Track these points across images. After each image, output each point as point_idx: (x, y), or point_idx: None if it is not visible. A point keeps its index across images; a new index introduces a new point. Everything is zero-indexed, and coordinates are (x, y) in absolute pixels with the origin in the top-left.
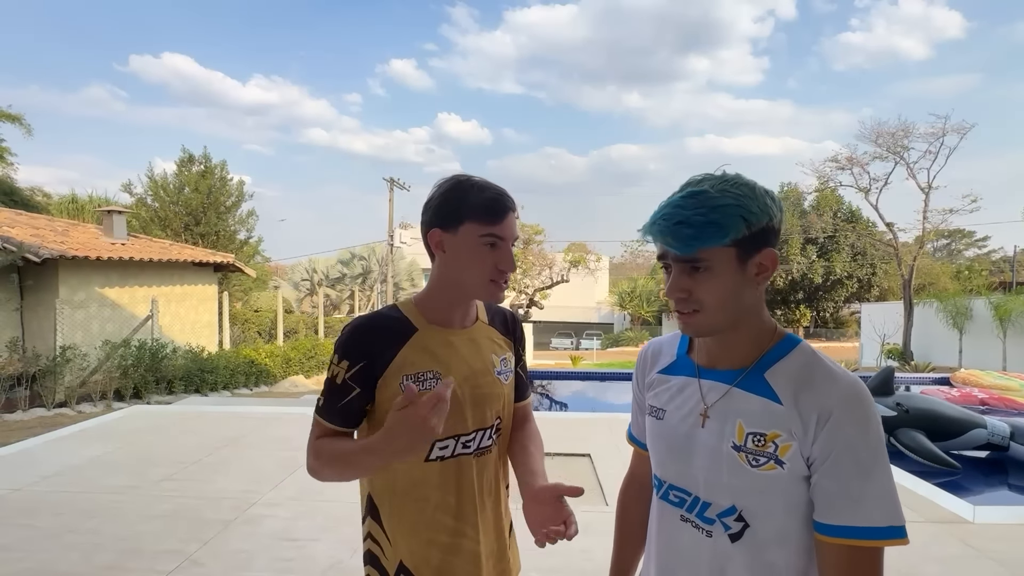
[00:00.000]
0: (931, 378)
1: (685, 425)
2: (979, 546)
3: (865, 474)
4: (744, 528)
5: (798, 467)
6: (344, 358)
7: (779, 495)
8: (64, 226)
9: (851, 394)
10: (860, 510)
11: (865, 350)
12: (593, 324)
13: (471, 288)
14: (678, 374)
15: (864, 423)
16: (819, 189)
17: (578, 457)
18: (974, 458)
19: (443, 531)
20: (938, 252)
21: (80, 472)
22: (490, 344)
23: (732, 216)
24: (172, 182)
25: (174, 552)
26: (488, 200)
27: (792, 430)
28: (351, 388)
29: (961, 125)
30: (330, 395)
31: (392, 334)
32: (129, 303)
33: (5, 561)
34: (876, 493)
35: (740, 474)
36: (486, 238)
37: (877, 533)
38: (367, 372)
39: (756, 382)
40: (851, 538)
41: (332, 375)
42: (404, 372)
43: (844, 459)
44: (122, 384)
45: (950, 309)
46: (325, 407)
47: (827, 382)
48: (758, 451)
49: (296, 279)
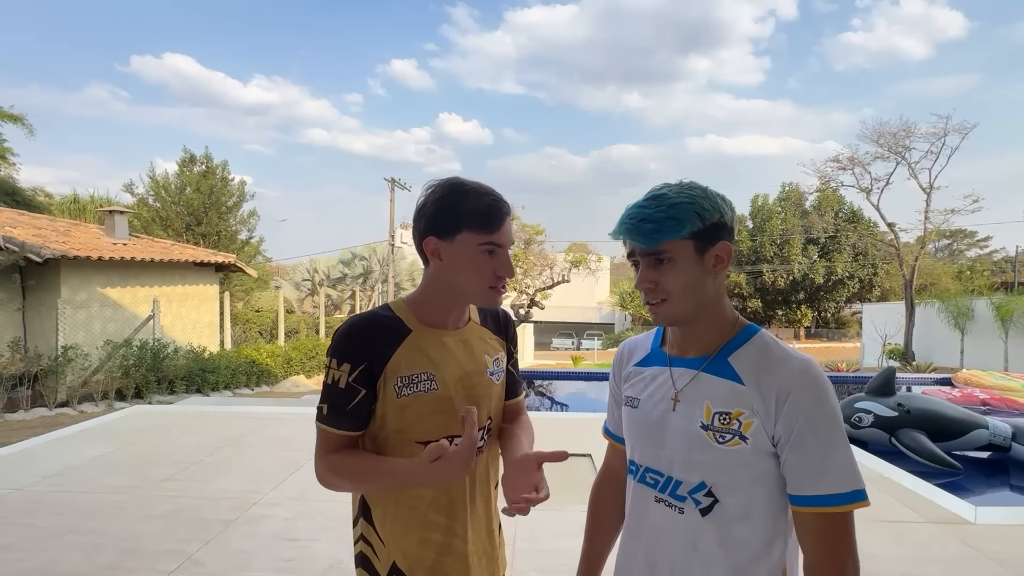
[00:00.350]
0: (933, 379)
1: (658, 410)
2: (980, 547)
3: (826, 446)
4: (713, 503)
5: (761, 443)
6: (345, 360)
7: (744, 469)
8: (66, 226)
9: (806, 373)
10: (825, 480)
11: (866, 350)
12: (594, 324)
13: (469, 294)
14: (652, 365)
15: (820, 399)
16: (820, 189)
17: (579, 457)
18: (976, 459)
19: (436, 530)
20: (940, 252)
21: (81, 472)
22: (483, 344)
23: (687, 212)
24: (173, 182)
25: (175, 552)
26: (485, 208)
27: (754, 407)
28: (357, 390)
29: (963, 125)
30: (335, 400)
31: (387, 335)
32: (131, 303)
33: (6, 561)
34: (837, 463)
35: (708, 451)
36: (485, 246)
37: (842, 499)
38: (369, 373)
39: (721, 366)
40: (821, 506)
41: (334, 380)
42: (399, 374)
43: (806, 434)
44: (124, 384)
45: (952, 309)
46: (331, 414)
47: (783, 363)
48: (724, 428)
49: (297, 279)
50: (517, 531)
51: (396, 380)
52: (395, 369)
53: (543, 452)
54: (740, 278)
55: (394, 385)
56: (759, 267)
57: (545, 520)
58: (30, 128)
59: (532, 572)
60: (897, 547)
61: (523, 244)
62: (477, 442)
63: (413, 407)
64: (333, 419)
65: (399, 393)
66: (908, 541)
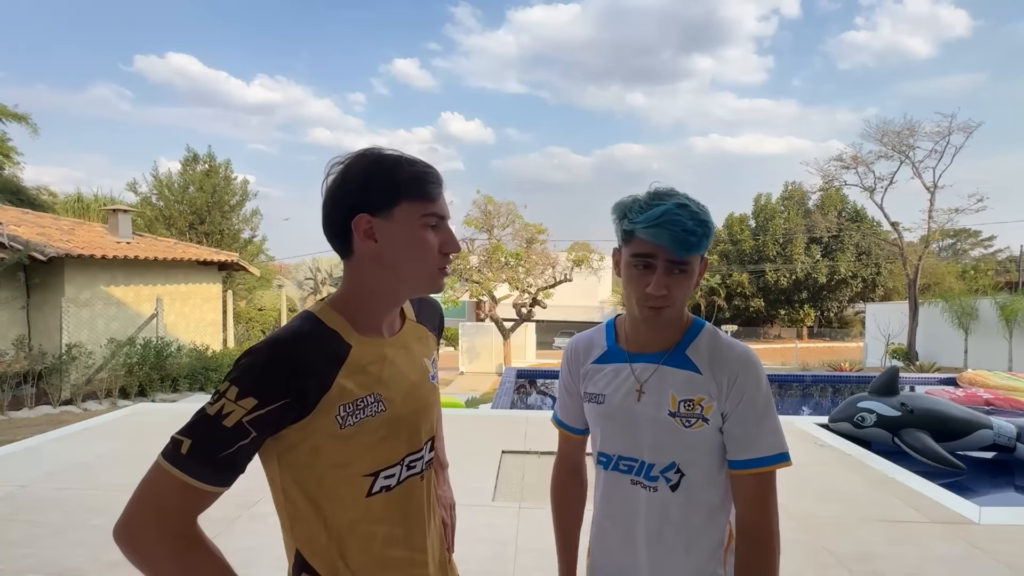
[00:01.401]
0: (937, 378)
1: (626, 403)
2: (985, 547)
3: (760, 417)
4: (681, 478)
5: (716, 420)
6: (250, 393)
7: (705, 445)
8: (70, 225)
9: (747, 359)
10: (756, 445)
11: (870, 350)
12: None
13: (413, 281)
14: (611, 362)
15: (758, 380)
16: (824, 188)
17: None
18: (980, 459)
19: (394, 567)
20: (944, 252)
21: (87, 469)
22: (421, 346)
23: (711, 231)
24: (177, 181)
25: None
26: (422, 174)
27: (711, 392)
28: (244, 433)
29: (967, 124)
30: (207, 440)
31: (323, 358)
32: (134, 301)
33: (13, 557)
34: (768, 430)
35: (676, 435)
36: (428, 218)
37: (772, 460)
38: (284, 413)
39: (680, 359)
40: (755, 467)
41: (218, 412)
42: (341, 402)
43: (746, 409)
44: (127, 382)
45: (955, 309)
46: (191, 456)
47: (730, 352)
48: (688, 414)
49: (300, 278)
50: (519, 531)
51: (338, 410)
52: (336, 397)
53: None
54: (743, 277)
55: (335, 416)
56: (762, 266)
57: (547, 520)
58: (34, 127)
59: (537, 571)
60: (901, 547)
61: (526, 243)
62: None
63: (359, 436)
64: (193, 463)
65: (342, 424)
66: (912, 541)
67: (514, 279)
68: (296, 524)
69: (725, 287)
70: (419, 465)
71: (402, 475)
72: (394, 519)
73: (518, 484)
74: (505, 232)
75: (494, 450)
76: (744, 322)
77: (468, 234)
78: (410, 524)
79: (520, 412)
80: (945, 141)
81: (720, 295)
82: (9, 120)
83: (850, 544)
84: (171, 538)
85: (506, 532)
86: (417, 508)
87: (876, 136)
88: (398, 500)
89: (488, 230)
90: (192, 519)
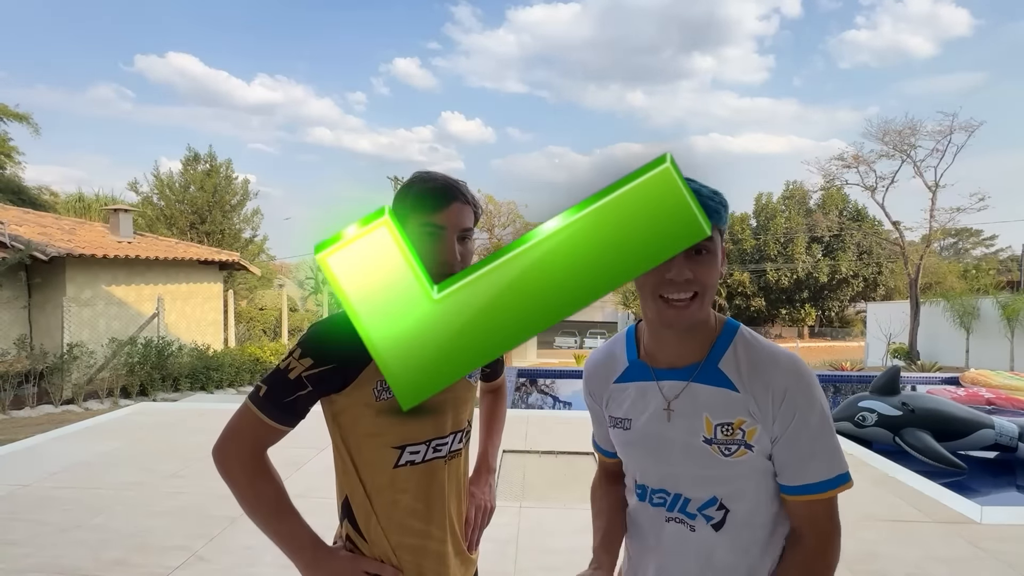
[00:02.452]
0: (940, 378)
1: (654, 429)
2: (987, 547)
3: (815, 437)
4: (725, 515)
5: (764, 446)
6: (309, 355)
7: (751, 476)
8: (71, 224)
9: (796, 371)
10: (811, 469)
11: (871, 350)
12: (597, 323)
13: None
14: (634, 380)
15: (811, 396)
16: (825, 188)
17: (583, 455)
18: (982, 459)
19: (415, 535)
20: (945, 251)
21: (88, 468)
22: None
23: (724, 203)
24: (178, 181)
25: (181, 548)
26: (431, 189)
27: (752, 413)
28: (303, 385)
29: (969, 123)
30: (276, 387)
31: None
32: (135, 301)
33: (15, 556)
34: (823, 451)
35: (715, 465)
36: (426, 227)
37: (829, 485)
38: (332, 376)
39: (712, 374)
40: (810, 494)
41: (286, 367)
42: (379, 377)
43: (800, 428)
44: (128, 381)
45: (957, 308)
46: (265, 398)
47: (773, 363)
48: (728, 440)
49: (300, 277)
50: (521, 529)
51: (376, 383)
52: (374, 372)
53: (470, 516)
54: (744, 277)
55: (373, 388)
56: (763, 266)
57: (550, 519)
58: (36, 127)
59: (538, 571)
60: (903, 547)
61: None
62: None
63: (389, 411)
64: (266, 405)
65: (378, 396)
66: (914, 541)
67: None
68: (344, 476)
69: (726, 286)
70: (444, 450)
71: (427, 455)
72: (417, 493)
73: (519, 484)
74: (506, 232)
75: None
76: (745, 322)
77: None
78: (431, 501)
79: (521, 412)
80: (947, 140)
81: (721, 294)
82: (10, 120)
83: (851, 544)
84: (248, 460)
85: (507, 532)
86: (439, 489)
87: (877, 135)
88: (421, 476)
89: (489, 230)
90: (263, 449)
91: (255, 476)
